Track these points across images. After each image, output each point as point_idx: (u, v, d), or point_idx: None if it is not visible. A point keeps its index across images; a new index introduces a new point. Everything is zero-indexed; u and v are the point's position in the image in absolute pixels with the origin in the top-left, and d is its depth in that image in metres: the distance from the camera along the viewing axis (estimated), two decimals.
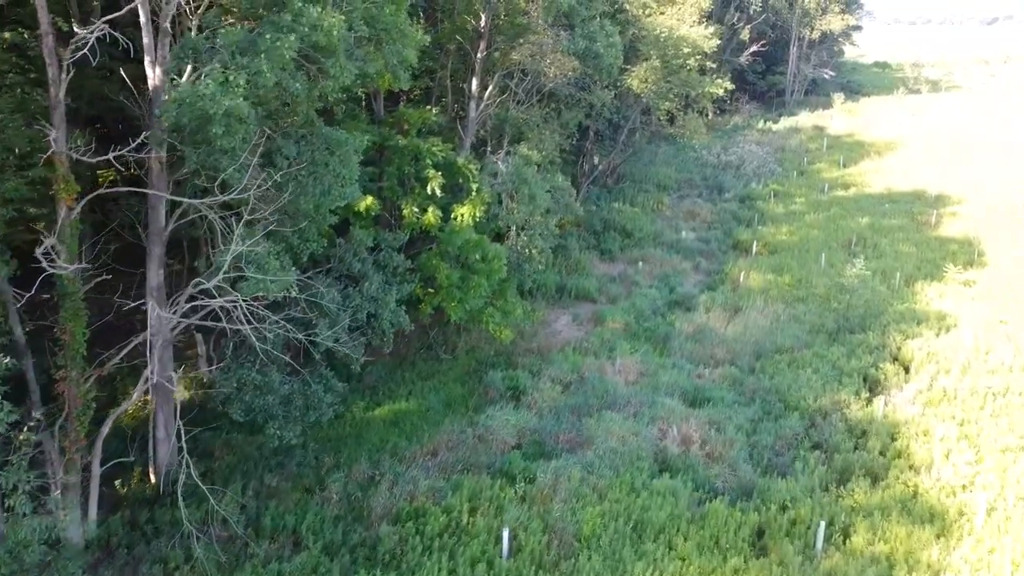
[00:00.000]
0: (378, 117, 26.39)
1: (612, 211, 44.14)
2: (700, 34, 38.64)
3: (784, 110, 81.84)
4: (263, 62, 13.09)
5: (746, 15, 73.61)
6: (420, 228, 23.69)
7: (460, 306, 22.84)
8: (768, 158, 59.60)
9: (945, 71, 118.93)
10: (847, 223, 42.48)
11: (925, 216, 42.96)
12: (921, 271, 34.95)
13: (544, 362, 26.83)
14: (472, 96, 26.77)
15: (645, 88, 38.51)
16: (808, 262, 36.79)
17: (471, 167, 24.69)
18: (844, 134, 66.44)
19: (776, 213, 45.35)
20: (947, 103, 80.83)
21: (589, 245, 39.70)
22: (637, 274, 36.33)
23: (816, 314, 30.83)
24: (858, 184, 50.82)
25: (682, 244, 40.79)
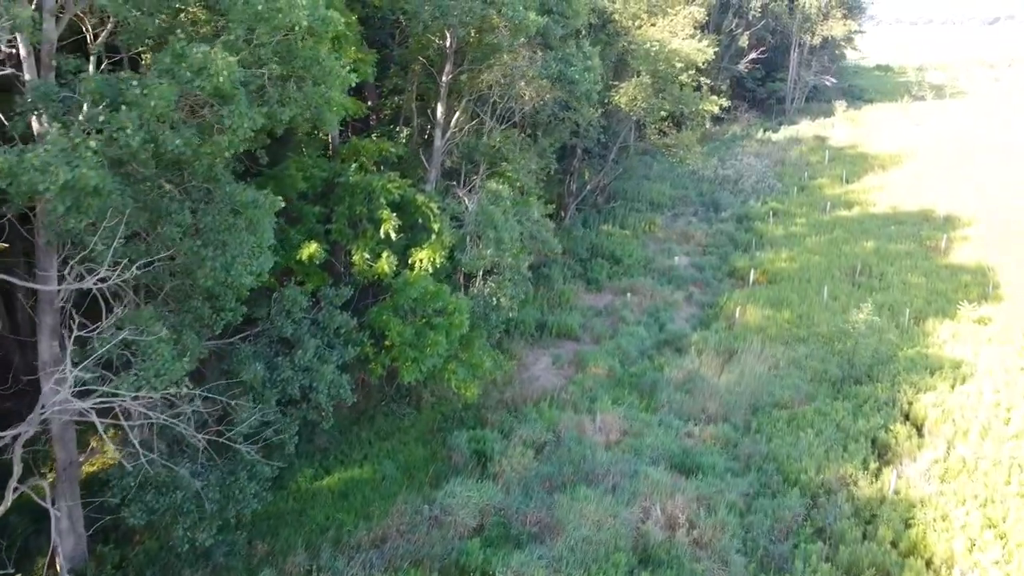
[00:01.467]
0: (334, 147, 23.74)
1: (600, 235, 41.48)
2: (693, 47, 35.95)
3: (784, 118, 79.12)
4: (128, 116, 10.46)
5: (745, 21, 70.95)
6: (372, 277, 21.02)
7: (415, 366, 20.18)
8: (767, 172, 56.88)
9: (949, 75, 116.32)
10: (851, 248, 39.80)
11: (934, 240, 40.27)
12: (932, 306, 32.28)
13: (517, 419, 24.17)
14: (438, 123, 24.09)
15: (634, 106, 35.81)
16: (809, 294, 34.12)
17: (432, 205, 22.02)
18: (847, 145, 63.74)
19: (775, 235, 42.67)
20: (952, 111, 78.07)
21: (575, 274, 37.04)
22: (625, 307, 33.66)
23: (818, 358, 28.17)
24: (862, 202, 48.12)
25: (675, 272, 38.11)
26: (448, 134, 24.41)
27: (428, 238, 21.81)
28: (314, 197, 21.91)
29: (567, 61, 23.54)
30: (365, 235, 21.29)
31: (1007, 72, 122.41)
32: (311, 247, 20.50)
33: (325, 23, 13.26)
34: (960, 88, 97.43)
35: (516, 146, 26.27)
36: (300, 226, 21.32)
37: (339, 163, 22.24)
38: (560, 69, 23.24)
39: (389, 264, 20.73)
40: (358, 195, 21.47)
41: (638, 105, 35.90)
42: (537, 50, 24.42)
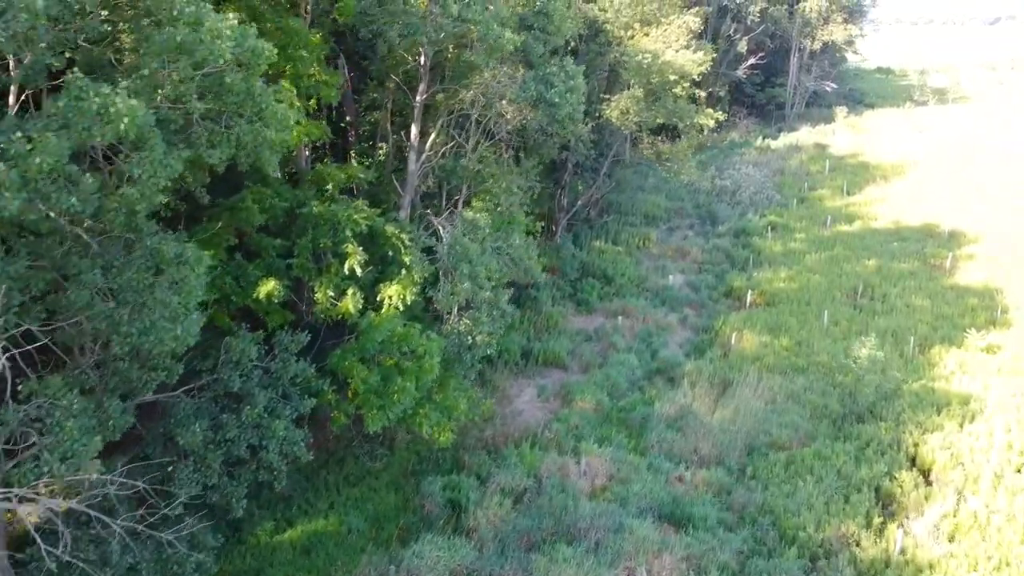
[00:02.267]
0: (301, 172, 22.19)
1: (592, 252, 39.94)
2: (688, 59, 34.38)
3: (784, 124, 77.51)
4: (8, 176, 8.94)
5: (743, 26, 69.38)
6: (336, 317, 19.47)
7: (381, 414, 18.64)
8: (766, 183, 55.32)
9: (951, 78, 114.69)
10: (852, 266, 38.25)
11: (938, 258, 38.71)
12: (937, 333, 30.72)
13: (496, 462, 22.62)
14: (411, 145, 22.53)
15: (626, 120, 34.25)
16: (809, 318, 32.58)
17: (403, 236, 20.48)
18: (848, 154, 62.16)
19: (774, 252, 41.10)
20: (956, 117, 76.47)
21: (564, 295, 35.48)
22: (616, 332, 32.11)
23: (818, 391, 26.63)
24: (863, 216, 46.55)
25: (669, 292, 36.54)
26: (423, 157, 22.85)
27: (399, 272, 20.26)
28: (276, 228, 20.36)
29: (548, 82, 21.93)
30: (329, 270, 19.75)
31: (1010, 75, 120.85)
32: (269, 284, 18.98)
33: (255, 55, 11.74)
34: (963, 92, 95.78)
35: (498, 167, 24.68)
36: (259, 261, 19.80)
37: (304, 191, 20.65)
38: (540, 91, 21.67)
39: (354, 303, 19.18)
40: (322, 227, 19.94)
41: (630, 119, 34.32)
42: (519, 67, 22.84)
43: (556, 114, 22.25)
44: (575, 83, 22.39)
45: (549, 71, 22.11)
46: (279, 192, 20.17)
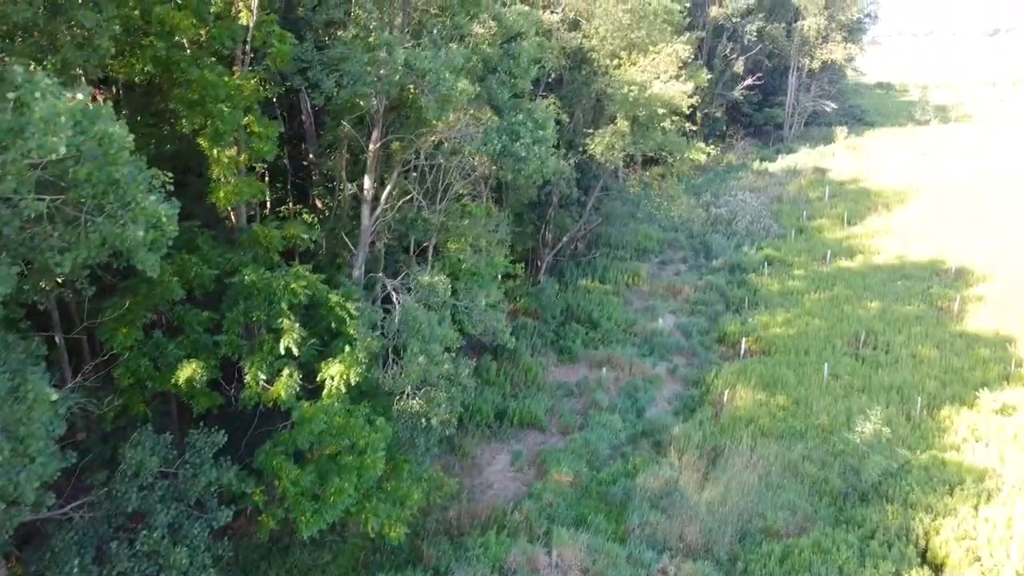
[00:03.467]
0: (239, 229, 19.90)
1: (578, 292, 37.64)
2: (677, 91, 32.14)
3: (782, 145, 75.45)
4: None
5: (740, 46, 67.30)
6: (267, 403, 17.13)
7: (317, 517, 16.25)
8: (763, 211, 53.11)
9: (953, 94, 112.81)
10: (854, 309, 35.91)
11: (945, 300, 36.35)
12: (947, 390, 28.36)
13: (457, 555, 20.22)
14: (365, 198, 20.23)
15: (612, 155, 32.00)
16: (807, 370, 30.22)
17: (349, 306, 18.16)
18: (848, 180, 59.91)
19: (770, 292, 38.76)
20: (959, 139, 74.25)
21: (546, 342, 33.14)
22: (599, 387, 29.77)
23: (817, 462, 24.26)
24: (865, 250, 44.24)
25: (658, 337, 34.17)
26: (378, 211, 20.54)
27: (344, 347, 17.91)
28: (205, 299, 18.02)
29: (513, 131, 19.65)
30: (262, 348, 17.42)
31: (1012, 91, 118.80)
32: (191, 367, 16.65)
33: (107, 143, 9.42)
34: (965, 111, 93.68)
35: (467, 219, 22.36)
36: (182, 338, 17.46)
37: (238, 255, 18.33)
38: (503, 144, 19.39)
39: (289, 386, 16.84)
40: (256, 297, 17.60)
41: (616, 154, 32.06)
42: (485, 109, 20.55)
43: (522, 168, 19.96)
44: (544, 133, 20.08)
45: (515, 120, 19.81)
46: (207, 258, 17.86)
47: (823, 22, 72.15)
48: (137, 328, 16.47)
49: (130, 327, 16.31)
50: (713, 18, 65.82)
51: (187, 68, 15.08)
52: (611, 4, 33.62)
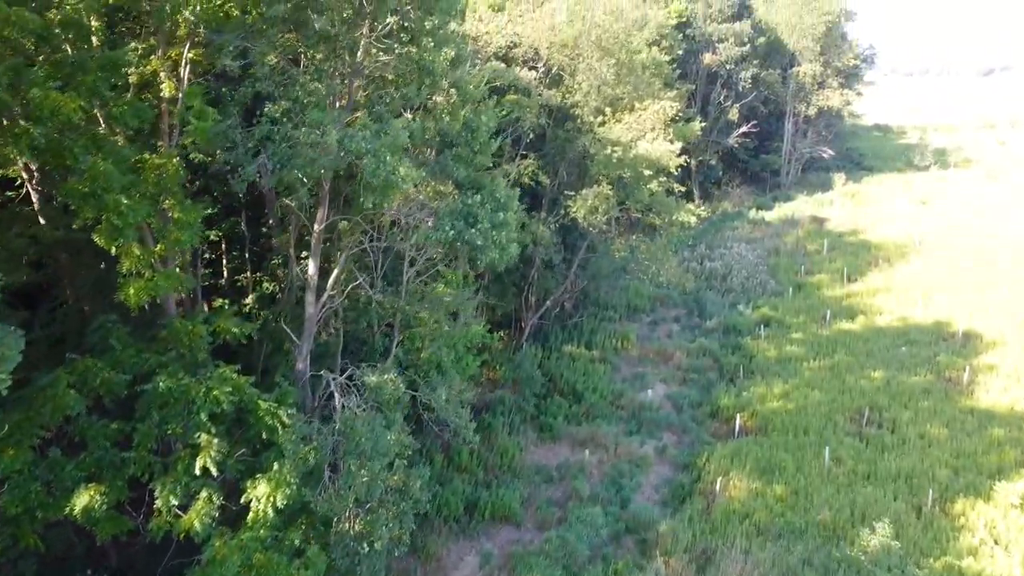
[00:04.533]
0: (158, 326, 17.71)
1: (562, 360, 35.39)
2: (664, 150, 30.26)
3: (779, 192, 73.75)
4: None
5: (734, 93, 65.92)
6: (179, 534, 14.79)
7: None
8: (759, 265, 51.10)
9: (951, 138, 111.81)
10: (856, 380, 33.60)
11: (954, 370, 34.07)
12: (960, 479, 25.97)
13: None
14: (309, 284, 18.10)
15: (595, 220, 30.02)
16: (807, 454, 27.85)
17: (281, 414, 15.93)
18: (847, 231, 57.99)
19: (767, 358, 36.49)
20: (960, 185, 72.60)
21: (525, 417, 30.79)
22: (581, 472, 27.37)
23: (819, 568, 21.78)
24: (867, 310, 42.07)
25: (646, 412, 31.84)
26: (324, 297, 18.40)
27: (275, 460, 15.62)
28: (114, 407, 15.78)
29: (470, 214, 17.58)
30: (177, 467, 15.13)
31: (1010, 134, 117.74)
32: (89, 493, 14.35)
33: None
34: (965, 155, 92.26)
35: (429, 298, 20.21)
36: (85, 455, 15.18)
37: (156, 355, 16.12)
38: (457, 230, 17.29)
39: (204, 515, 14.52)
40: (173, 406, 15.36)
41: (599, 218, 30.08)
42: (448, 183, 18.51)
43: (480, 259, 17.86)
44: (506, 216, 18.01)
45: (471, 201, 17.74)
46: (119, 360, 15.65)
47: (819, 68, 71.03)
48: (26, 448, 14.19)
49: (18, 448, 14.04)
50: (707, 65, 64.53)
51: (80, 154, 13.06)
52: (594, 59, 31.96)
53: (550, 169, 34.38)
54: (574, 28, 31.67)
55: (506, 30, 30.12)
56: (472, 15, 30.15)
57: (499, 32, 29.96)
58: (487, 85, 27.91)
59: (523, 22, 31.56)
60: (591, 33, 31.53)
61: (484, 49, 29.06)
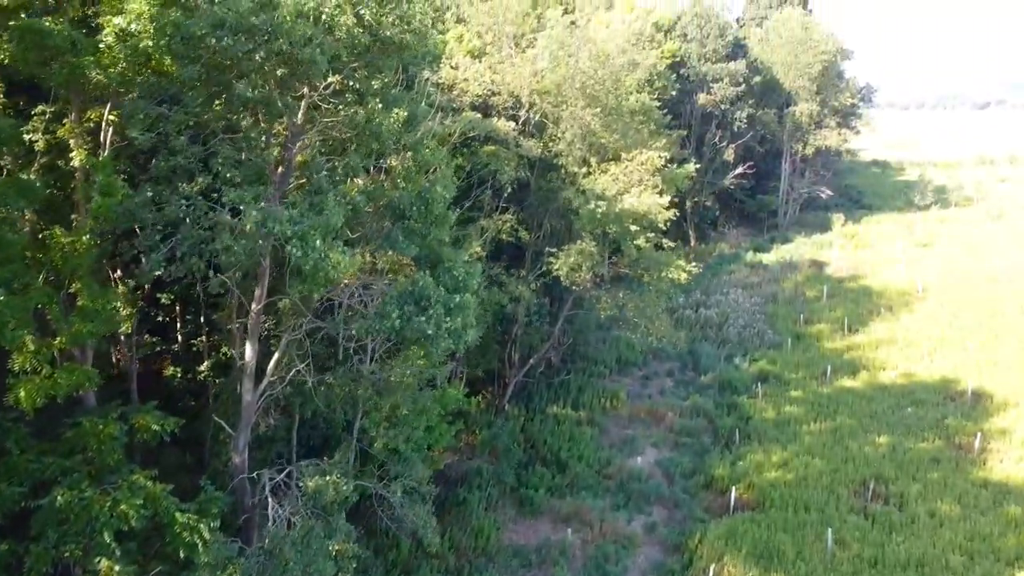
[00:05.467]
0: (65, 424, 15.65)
1: (546, 423, 33.26)
2: (652, 203, 28.47)
3: (777, 233, 71.99)
4: None
5: (729, 133, 64.52)
6: None
7: None
8: (757, 313, 49.14)
9: (950, 175, 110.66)
10: (859, 446, 31.48)
11: (964, 435, 31.95)
12: (976, 567, 23.78)
13: None
14: (247, 371, 16.11)
15: (578, 278, 28.13)
16: (807, 535, 25.66)
17: (202, 528, 13.82)
18: (847, 276, 56.13)
19: (765, 420, 34.37)
20: (961, 225, 70.90)
21: (504, 490, 28.61)
22: (563, 556, 25.15)
23: None
24: (869, 365, 40.02)
25: (635, 482, 29.64)
26: (264, 383, 16.39)
27: None
28: (7, 523, 13.70)
29: (421, 296, 15.59)
30: None
31: (1010, 170, 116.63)
32: None
33: None
34: (966, 193, 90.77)
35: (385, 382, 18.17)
36: None
37: (60, 461, 14.07)
38: (404, 319, 15.30)
39: None
40: (73, 523, 13.27)
41: (582, 275, 28.20)
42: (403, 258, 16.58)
43: (431, 352, 15.90)
44: (464, 298, 16.00)
45: (423, 283, 15.76)
46: (15, 467, 13.60)
47: (816, 107, 69.73)
48: None
49: None
50: (701, 105, 63.19)
51: None
52: (579, 107, 30.32)
53: (533, 221, 32.64)
54: (557, 74, 30.06)
55: (484, 78, 28.50)
56: (448, 62, 28.55)
57: (477, 80, 28.34)
58: (460, 137, 26.26)
59: (503, 68, 29.98)
60: (575, 79, 29.90)
61: (459, 98, 27.39)
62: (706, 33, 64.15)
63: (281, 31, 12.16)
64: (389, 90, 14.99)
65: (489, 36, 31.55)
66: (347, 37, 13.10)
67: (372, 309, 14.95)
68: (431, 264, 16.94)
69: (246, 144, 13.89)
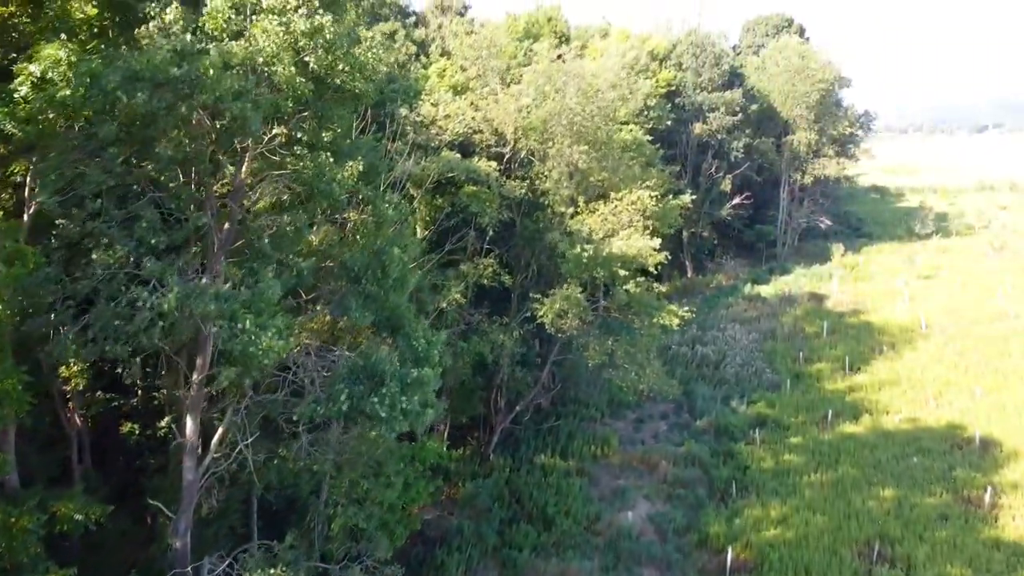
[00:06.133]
0: None
1: (533, 474, 31.59)
2: (642, 247, 27.06)
3: (775, 264, 70.62)
4: None
5: (726, 163, 63.38)
6: None
7: None
8: (755, 350, 47.60)
9: (951, 200, 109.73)
10: (863, 501, 29.80)
11: (973, 489, 30.27)
12: None
13: None
14: (187, 447, 14.56)
15: (565, 324, 26.65)
16: None
17: None
18: (848, 311, 54.63)
19: (763, 470, 32.71)
20: (964, 258, 69.51)
21: (485, 549, 26.91)
22: None
23: None
24: (872, 408, 38.41)
25: (625, 542, 27.89)
26: (208, 460, 14.83)
27: None
28: None
29: (374, 372, 14.01)
30: None
31: (1010, 197, 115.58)
32: None
33: None
34: (967, 221, 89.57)
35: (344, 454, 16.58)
36: None
37: None
38: (353, 400, 13.71)
39: None
40: None
41: (568, 322, 26.71)
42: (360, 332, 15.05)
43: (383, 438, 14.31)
44: (423, 373, 14.43)
45: (376, 357, 14.16)
46: None
47: (814, 136, 68.68)
48: None
49: None
50: (697, 134, 62.12)
51: None
52: (566, 144, 29.01)
53: (520, 261, 31.22)
54: (543, 110, 28.79)
55: (466, 115, 27.21)
56: (428, 98, 27.28)
57: (458, 117, 27.04)
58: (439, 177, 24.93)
59: (487, 105, 28.71)
60: (562, 116, 28.61)
61: (438, 137, 26.08)
62: (702, 62, 63.29)
63: (204, 85, 10.79)
64: (342, 141, 13.62)
65: (473, 70, 30.34)
66: (288, 88, 11.75)
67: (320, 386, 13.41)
68: (392, 328, 15.43)
69: (176, 205, 12.41)
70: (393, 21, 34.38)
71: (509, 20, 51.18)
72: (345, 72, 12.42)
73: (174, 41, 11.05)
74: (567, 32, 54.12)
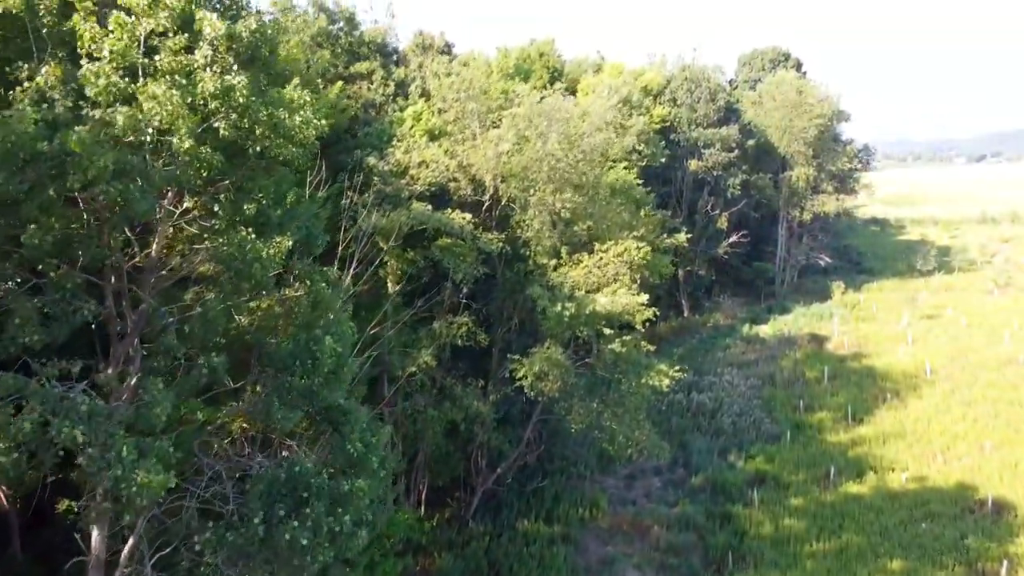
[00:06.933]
0: None
1: (515, 541, 29.53)
2: (628, 303, 25.25)
3: (774, 302, 68.79)
4: None
5: (723, 199, 61.83)
6: None
7: None
8: (753, 397, 45.66)
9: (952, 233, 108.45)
10: (868, 573, 27.66)
11: (988, 560, 28.15)
12: None
13: None
14: (91, 563, 12.60)
15: (546, 387, 24.76)
16: None
17: None
18: (849, 354, 52.69)
19: (761, 535, 30.63)
20: (968, 296, 67.65)
21: None
22: None
23: None
24: (876, 464, 36.34)
25: None
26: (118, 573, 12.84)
27: None
28: None
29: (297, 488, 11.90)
30: None
31: (1012, 230, 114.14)
32: None
33: None
34: (969, 256, 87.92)
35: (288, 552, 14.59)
36: None
37: None
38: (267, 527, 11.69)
39: None
40: None
41: (549, 386, 24.82)
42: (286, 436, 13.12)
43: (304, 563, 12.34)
44: (355, 485, 12.32)
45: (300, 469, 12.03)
46: None
47: (812, 172, 67.26)
48: None
49: None
50: (693, 171, 60.66)
51: None
52: (548, 192, 27.35)
53: (501, 314, 29.41)
54: (524, 156, 27.16)
55: (441, 163, 25.56)
56: (399, 145, 25.67)
57: (432, 165, 25.40)
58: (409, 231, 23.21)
59: (465, 151, 27.10)
60: (544, 163, 26.98)
61: (410, 186, 24.42)
62: (697, 97, 62.01)
63: (73, 163, 9.05)
64: (272, 211, 11.91)
65: (452, 113, 28.78)
66: (191, 159, 10.05)
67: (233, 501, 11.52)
68: (332, 424, 13.51)
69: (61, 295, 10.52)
70: (371, 61, 32.88)
71: (500, 55, 49.97)
72: (267, 138, 10.74)
73: (46, 111, 9.34)
74: (560, 67, 52.86)
